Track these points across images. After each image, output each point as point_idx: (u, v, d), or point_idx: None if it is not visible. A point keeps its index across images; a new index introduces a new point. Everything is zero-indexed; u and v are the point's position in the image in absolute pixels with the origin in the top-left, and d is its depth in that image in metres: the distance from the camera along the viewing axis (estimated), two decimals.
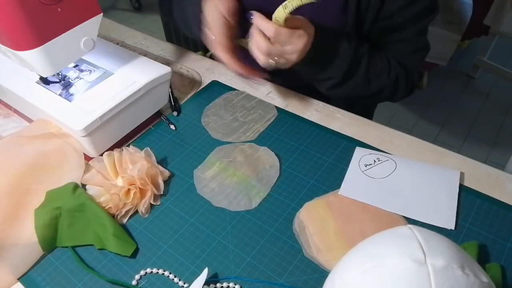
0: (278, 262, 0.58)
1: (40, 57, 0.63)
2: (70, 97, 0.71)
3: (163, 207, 0.66)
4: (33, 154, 0.66)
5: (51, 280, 0.57)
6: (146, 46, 1.01)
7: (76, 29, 0.64)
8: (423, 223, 0.60)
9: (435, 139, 1.98)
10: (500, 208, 0.62)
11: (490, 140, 1.95)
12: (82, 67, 0.77)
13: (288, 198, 0.65)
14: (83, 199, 0.62)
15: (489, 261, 0.56)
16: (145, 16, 3.03)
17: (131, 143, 0.75)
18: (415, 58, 0.82)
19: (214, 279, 0.56)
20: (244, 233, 0.61)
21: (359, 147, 0.72)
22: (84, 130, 0.65)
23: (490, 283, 0.40)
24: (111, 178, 0.66)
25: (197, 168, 0.70)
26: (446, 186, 0.64)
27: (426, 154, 0.70)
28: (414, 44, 0.80)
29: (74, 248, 0.60)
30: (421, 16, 0.76)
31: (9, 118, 0.81)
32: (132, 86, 0.71)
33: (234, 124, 0.78)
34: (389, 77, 0.79)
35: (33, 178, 0.65)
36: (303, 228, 0.60)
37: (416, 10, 0.74)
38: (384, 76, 0.79)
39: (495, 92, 2.21)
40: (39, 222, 0.60)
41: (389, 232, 0.44)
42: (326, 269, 0.56)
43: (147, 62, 0.78)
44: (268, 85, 0.87)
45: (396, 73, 0.79)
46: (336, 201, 0.63)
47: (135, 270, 0.58)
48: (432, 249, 0.39)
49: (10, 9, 0.57)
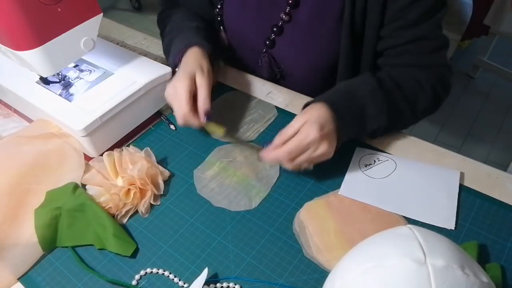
0: (278, 262, 0.58)
1: (40, 57, 0.63)
2: (70, 97, 0.71)
3: (163, 207, 0.66)
4: (33, 154, 0.66)
5: (51, 280, 0.57)
6: (146, 46, 1.01)
7: (76, 29, 0.64)
8: (423, 223, 0.60)
9: (435, 139, 1.97)
10: (500, 208, 0.62)
11: (490, 140, 1.95)
12: (82, 67, 0.77)
13: (288, 198, 0.65)
14: (83, 199, 0.62)
15: (489, 261, 0.56)
16: (145, 16, 3.03)
17: (131, 143, 0.75)
18: (442, 56, 0.77)
19: (214, 279, 0.56)
20: (244, 233, 0.61)
21: (359, 147, 0.72)
22: (84, 130, 0.65)
23: (490, 283, 0.40)
24: (111, 178, 0.66)
25: (197, 168, 0.70)
26: (446, 186, 0.64)
27: (426, 154, 0.70)
28: (436, 40, 0.75)
29: (74, 248, 0.60)
30: (436, 8, 0.72)
31: (9, 118, 0.81)
32: (132, 86, 0.71)
33: (234, 124, 0.78)
34: (425, 94, 0.73)
35: (33, 178, 0.65)
36: (303, 228, 0.60)
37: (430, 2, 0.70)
38: (421, 95, 0.73)
39: (495, 92, 2.21)
40: (39, 222, 0.60)
41: (389, 232, 0.44)
42: (326, 269, 0.56)
43: (147, 62, 0.78)
44: (268, 85, 0.87)
45: (430, 84, 0.73)
46: (336, 201, 0.63)
47: (135, 270, 0.58)
48: (432, 249, 0.39)
49: (10, 9, 0.57)
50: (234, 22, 0.86)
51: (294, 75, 0.86)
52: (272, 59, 0.85)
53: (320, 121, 0.62)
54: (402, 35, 0.74)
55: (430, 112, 0.77)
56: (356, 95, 0.68)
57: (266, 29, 0.82)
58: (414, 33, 0.73)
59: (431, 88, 0.74)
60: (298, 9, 0.78)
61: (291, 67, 0.86)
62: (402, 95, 0.70)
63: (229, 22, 0.87)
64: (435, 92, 0.75)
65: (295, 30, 0.80)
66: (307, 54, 0.82)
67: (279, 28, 0.81)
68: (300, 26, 0.79)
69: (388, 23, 0.74)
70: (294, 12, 0.79)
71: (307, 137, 0.61)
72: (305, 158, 0.62)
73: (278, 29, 0.81)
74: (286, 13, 0.79)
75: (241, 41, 0.88)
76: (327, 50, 0.80)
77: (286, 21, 0.80)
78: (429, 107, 0.75)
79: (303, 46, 0.81)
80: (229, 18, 0.86)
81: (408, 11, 0.71)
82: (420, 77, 0.73)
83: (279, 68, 0.86)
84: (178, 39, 0.79)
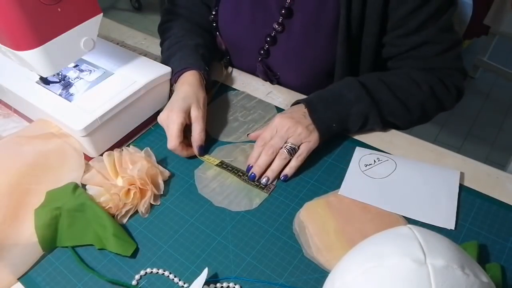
0: (278, 262, 0.58)
1: (40, 57, 0.63)
2: (70, 97, 0.71)
3: (163, 207, 0.66)
4: (33, 154, 0.66)
5: (51, 280, 0.57)
6: (146, 46, 1.01)
7: (76, 29, 0.64)
8: (423, 223, 0.60)
9: (435, 139, 1.97)
10: (500, 208, 0.62)
11: (490, 140, 1.95)
12: (82, 67, 0.77)
13: (288, 198, 0.65)
14: (83, 199, 0.62)
15: (489, 261, 0.56)
16: (145, 16, 3.03)
17: (131, 143, 0.75)
18: (448, 58, 0.75)
19: (214, 279, 0.56)
20: (244, 233, 0.61)
21: (359, 147, 0.72)
22: (84, 130, 0.65)
23: (490, 283, 0.40)
24: (111, 178, 0.66)
25: (198, 168, 0.70)
26: (446, 186, 0.64)
27: (426, 154, 0.70)
28: (441, 43, 0.73)
29: (74, 248, 0.60)
30: (440, 12, 0.70)
31: (9, 118, 0.81)
32: (132, 86, 0.71)
33: (234, 124, 0.78)
34: (421, 90, 0.73)
35: (33, 178, 0.65)
36: (303, 228, 0.60)
37: (432, 8, 0.69)
38: (415, 91, 0.73)
39: (495, 92, 2.21)
40: (39, 222, 0.60)
41: (389, 232, 0.44)
42: (326, 269, 0.56)
43: (147, 62, 0.78)
44: (268, 85, 0.87)
45: (428, 84, 0.73)
46: (336, 201, 0.63)
47: (135, 270, 0.58)
48: (432, 249, 0.39)
49: (10, 9, 0.57)
50: (229, 29, 0.86)
51: (291, 82, 0.86)
52: (267, 68, 0.85)
53: (289, 111, 0.71)
54: (404, 43, 0.74)
55: (431, 112, 0.77)
56: (332, 87, 0.73)
57: (260, 38, 0.81)
58: (415, 41, 0.73)
59: (429, 88, 0.73)
60: (292, 19, 0.78)
61: (287, 75, 0.85)
62: (386, 87, 0.72)
63: (224, 28, 0.86)
64: (434, 91, 0.74)
65: (289, 40, 0.80)
66: (303, 63, 0.81)
67: (273, 38, 0.80)
68: (295, 36, 0.79)
69: (390, 31, 0.74)
70: (288, 22, 0.78)
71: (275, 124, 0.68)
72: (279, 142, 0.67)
73: (271, 39, 0.80)
74: (279, 23, 0.78)
75: (237, 48, 0.88)
76: (323, 58, 0.80)
77: (279, 31, 0.79)
78: (426, 105, 0.74)
79: (298, 55, 0.81)
80: (223, 24, 0.86)
81: (409, 19, 0.71)
82: (416, 76, 0.74)
83: (276, 75, 0.86)
84: (175, 58, 0.79)
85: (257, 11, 0.80)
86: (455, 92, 0.77)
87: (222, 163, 0.70)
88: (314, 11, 0.75)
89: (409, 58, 0.75)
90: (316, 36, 0.78)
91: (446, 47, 0.74)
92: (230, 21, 0.85)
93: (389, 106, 0.72)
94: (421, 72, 0.74)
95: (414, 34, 0.72)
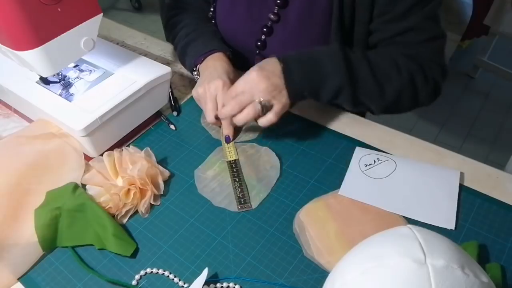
0: (278, 262, 0.58)
1: (40, 57, 0.63)
2: (70, 97, 0.71)
3: (163, 207, 0.66)
4: (33, 154, 0.66)
5: (51, 280, 0.57)
6: (146, 46, 1.01)
7: (76, 29, 0.64)
8: (423, 223, 0.60)
9: (435, 139, 1.97)
10: (500, 208, 0.62)
11: (490, 140, 1.95)
12: (82, 67, 0.77)
13: (288, 198, 0.65)
14: (83, 199, 0.62)
15: (489, 261, 0.56)
16: (145, 16, 3.03)
17: (131, 143, 0.75)
18: (430, 48, 0.75)
19: (214, 279, 0.56)
20: (244, 233, 0.61)
21: (359, 147, 0.72)
22: (84, 130, 0.65)
23: (490, 283, 0.40)
24: (111, 178, 0.66)
25: (198, 168, 0.70)
26: (446, 186, 0.64)
27: (426, 154, 0.70)
28: (426, 31, 0.73)
29: (74, 248, 0.60)
30: (424, 1, 0.71)
31: (9, 118, 0.81)
32: (132, 86, 0.71)
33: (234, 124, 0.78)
34: (400, 75, 0.72)
35: (33, 178, 0.65)
36: (303, 228, 0.60)
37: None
38: (395, 75, 0.72)
39: (495, 92, 2.21)
40: (39, 222, 0.60)
41: (389, 232, 0.44)
42: (327, 270, 0.56)
43: (147, 62, 0.78)
44: None
45: (409, 71, 0.72)
46: (335, 203, 0.63)
47: (135, 270, 0.58)
48: (432, 249, 0.39)
49: (10, 9, 0.57)
50: (226, 23, 0.86)
51: None
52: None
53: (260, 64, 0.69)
54: (389, 28, 0.74)
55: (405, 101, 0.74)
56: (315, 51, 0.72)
57: (257, 30, 0.82)
58: (401, 26, 0.73)
59: (410, 74, 0.72)
60: (287, 8, 0.78)
61: None
62: (368, 66, 0.71)
63: (221, 23, 0.87)
64: (413, 79, 0.73)
65: (285, 30, 0.80)
66: None
67: (269, 29, 0.81)
68: (290, 26, 0.79)
69: (376, 17, 0.74)
70: (283, 12, 0.79)
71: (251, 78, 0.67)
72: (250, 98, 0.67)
73: (268, 30, 0.81)
74: (275, 13, 0.79)
75: (234, 42, 0.88)
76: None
77: (275, 21, 0.80)
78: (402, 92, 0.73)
79: (294, 45, 0.81)
80: (221, 18, 0.86)
81: (395, 5, 0.71)
82: (400, 61, 0.73)
83: None
84: (197, 43, 0.80)
85: (253, 4, 0.81)
86: (432, 84, 0.75)
87: (235, 161, 0.70)
88: (308, 1, 0.76)
89: (394, 44, 0.75)
90: (311, 25, 0.78)
91: (430, 36, 0.74)
92: (228, 15, 0.85)
93: (365, 85, 0.71)
94: (406, 58, 0.74)
95: (400, 19, 0.73)
